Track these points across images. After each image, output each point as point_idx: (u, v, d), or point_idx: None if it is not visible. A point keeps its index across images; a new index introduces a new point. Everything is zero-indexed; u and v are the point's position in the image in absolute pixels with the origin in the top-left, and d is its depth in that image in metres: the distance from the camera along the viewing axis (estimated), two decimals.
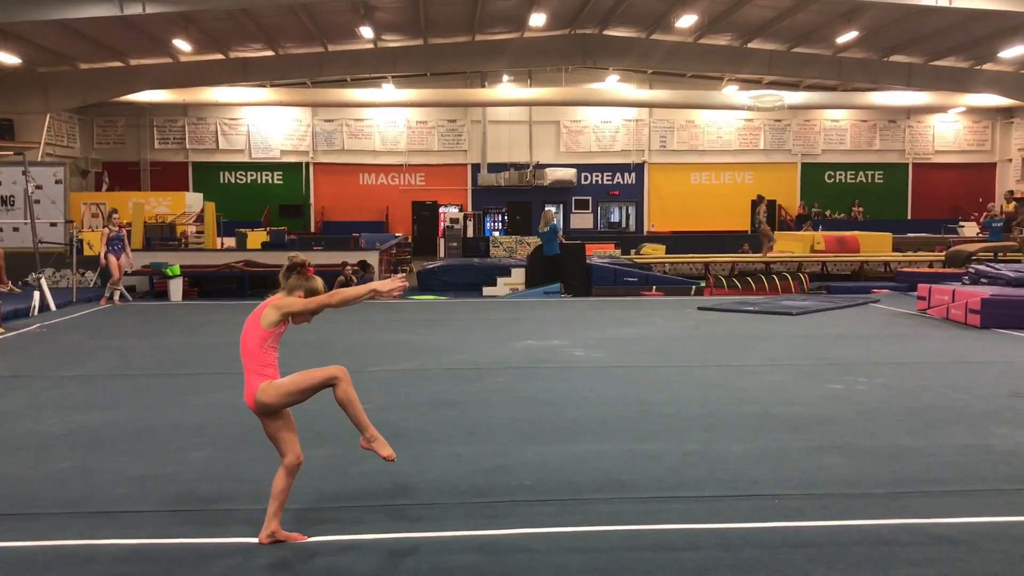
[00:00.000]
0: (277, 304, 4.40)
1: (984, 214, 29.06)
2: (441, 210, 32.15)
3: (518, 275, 18.52)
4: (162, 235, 22.62)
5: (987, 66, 26.62)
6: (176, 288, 17.10)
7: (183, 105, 30.46)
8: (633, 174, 33.32)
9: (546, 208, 22.03)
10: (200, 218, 23.44)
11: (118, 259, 15.83)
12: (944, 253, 21.00)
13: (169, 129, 32.13)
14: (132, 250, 16.90)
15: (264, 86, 29.22)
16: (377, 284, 4.43)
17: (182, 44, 23.22)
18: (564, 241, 18.40)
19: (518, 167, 32.12)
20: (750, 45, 26.38)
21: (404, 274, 4.29)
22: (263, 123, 32.13)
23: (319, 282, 4.52)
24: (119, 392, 8.08)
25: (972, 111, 32.58)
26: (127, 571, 4.07)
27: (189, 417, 7.05)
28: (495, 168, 32.33)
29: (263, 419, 4.43)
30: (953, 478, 5.40)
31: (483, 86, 30.97)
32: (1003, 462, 5.73)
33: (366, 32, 24.03)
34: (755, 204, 21.47)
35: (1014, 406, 7.35)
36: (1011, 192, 23.95)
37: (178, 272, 17.24)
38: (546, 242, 18.03)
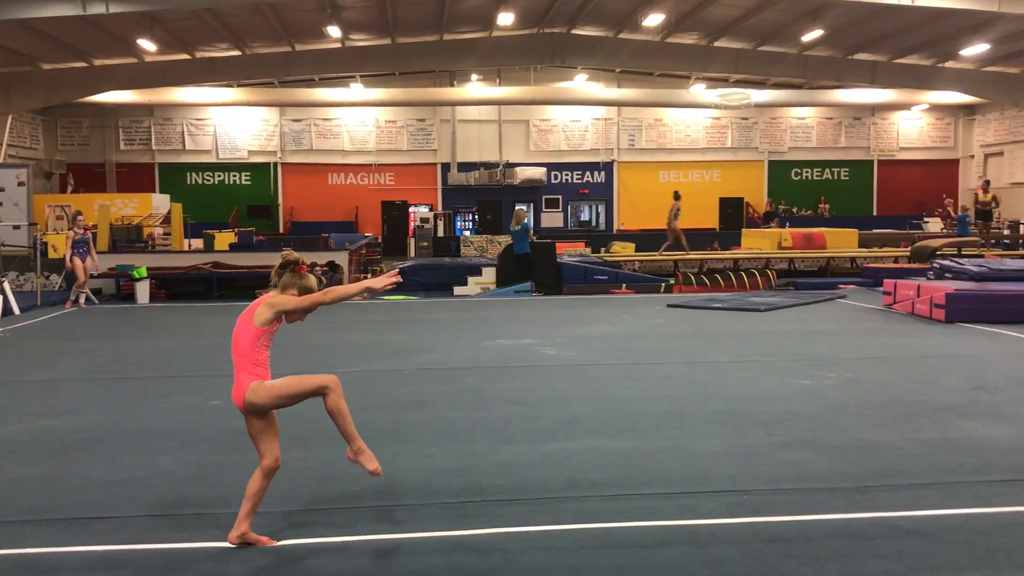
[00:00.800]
0: (270, 302, 4.35)
1: (952, 208, 29.56)
2: (411, 210, 32.06)
3: (489, 274, 18.52)
4: (128, 237, 22.39)
5: (949, 64, 26.98)
6: (143, 290, 16.92)
7: (149, 106, 30.14)
8: (602, 172, 33.43)
9: (517, 207, 22.03)
10: (167, 220, 23.23)
11: (84, 262, 15.64)
12: (909, 249, 21.28)
13: (135, 130, 31.78)
14: (98, 252, 16.68)
15: (231, 86, 28.98)
16: (371, 281, 4.41)
17: (147, 44, 22.96)
18: (535, 239, 18.42)
19: (488, 166, 32.11)
20: (717, 44, 26.55)
21: (396, 269, 4.25)
22: (230, 123, 31.86)
23: (312, 280, 4.47)
24: (85, 396, 7.98)
25: (935, 108, 33.01)
26: None
27: (157, 421, 6.98)
28: (465, 167, 32.29)
29: (248, 418, 4.40)
30: (919, 471, 5.47)
31: (452, 85, 30.93)
32: (967, 455, 5.81)
33: (333, 31, 23.89)
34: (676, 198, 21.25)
35: (978, 400, 7.46)
36: (988, 182, 24.30)
37: (145, 274, 17.07)
38: (516, 240, 18.05)
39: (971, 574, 3.94)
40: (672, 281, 18.74)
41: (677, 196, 21.75)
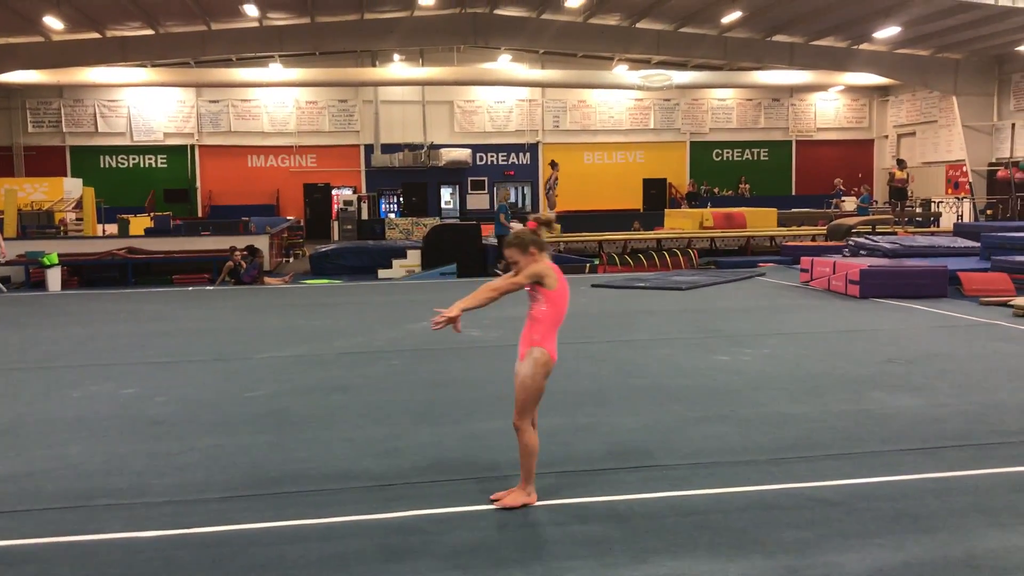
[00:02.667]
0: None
1: (837, 188, 30.44)
2: (334, 192, 31.63)
3: (414, 257, 18.38)
4: (39, 223, 21.60)
5: (864, 46, 27.64)
6: (54, 278, 16.35)
7: (58, 86, 29.03)
8: (528, 154, 33.45)
9: (501, 190, 20.99)
10: (79, 204, 22.47)
11: None
12: (826, 227, 21.79)
13: (43, 112, 30.63)
14: (5, 239, 16.06)
15: (144, 66, 28.11)
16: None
17: (53, 22, 22.10)
18: (505, 223, 18.15)
19: (412, 148, 31.83)
20: (639, 25, 26.72)
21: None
22: (144, 105, 30.93)
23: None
24: None
25: (851, 90, 33.83)
26: (0, 573, 3.88)
27: (67, 411, 6.75)
28: (389, 149, 31.97)
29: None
30: (832, 442, 5.61)
31: (374, 65, 30.54)
32: (878, 425, 5.99)
33: (250, 10, 23.35)
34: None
35: (889, 371, 7.69)
36: (902, 161, 24.99)
37: (56, 261, 16.50)
38: (496, 222, 18.00)
39: (880, 539, 4.06)
40: (597, 261, 18.87)
41: (554, 165, 21.55)
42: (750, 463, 5.20)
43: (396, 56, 30.96)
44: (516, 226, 18.47)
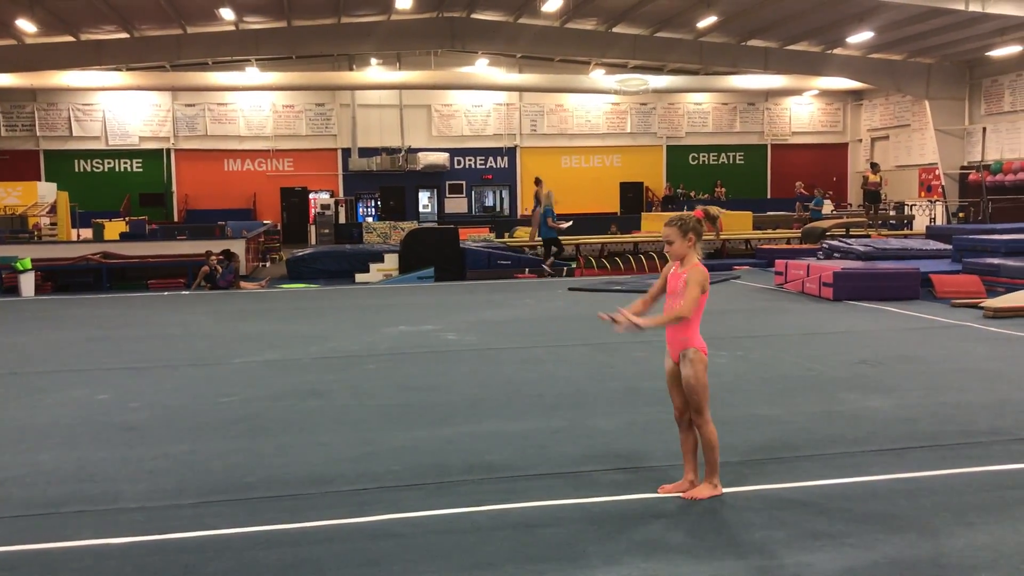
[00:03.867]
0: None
1: (798, 192, 30.60)
2: (311, 196, 31.56)
3: (392, 261, 18.36)
4: (12, 227, 21.42)
5: (837, 51, 27.92)
6: (27, 283, 16.20)
7: (31, 90, 28.82)
8: (506, 158, 33.50)
9: (546, 192, 20.40)
10: (53, 209, 22.29)
11: None
12: (800, 230, 21.96)
13: (17, 115, 30.35)
14: None
15: (120, 70, 27.96)
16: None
17: (26, 25, 21.93)
18: (553, 225, 18.09)
19: (390, 152, 31.81)
20: (615, 30, 26.85)
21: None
22: (120, 108, 30.74)
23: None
24: None
25: (825, 94, 34.14)
26: None
27: (39, 417, 6.70)
28: (366, 153, 31.92)
29: None
30: (804, 443, 5.66)
31: (351, 69, 30.51)
32: (850, 426, 6.04)
33: (226, 13, 23.26)
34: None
35: (861, 373, 7.76)
36: (876, 164, 25.23)
37: (29, 266, 16.35)
38: (543, 224, 17.97)
39: (851, 539, 4.10)
40: (574, 265, 18.92)
41: (538, 182, 21.49)
42: (723, 464, 5.21)
43: (373, 60, 30.93)
44: (564, 226, 18.37)
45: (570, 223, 19.02)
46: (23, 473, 5.31)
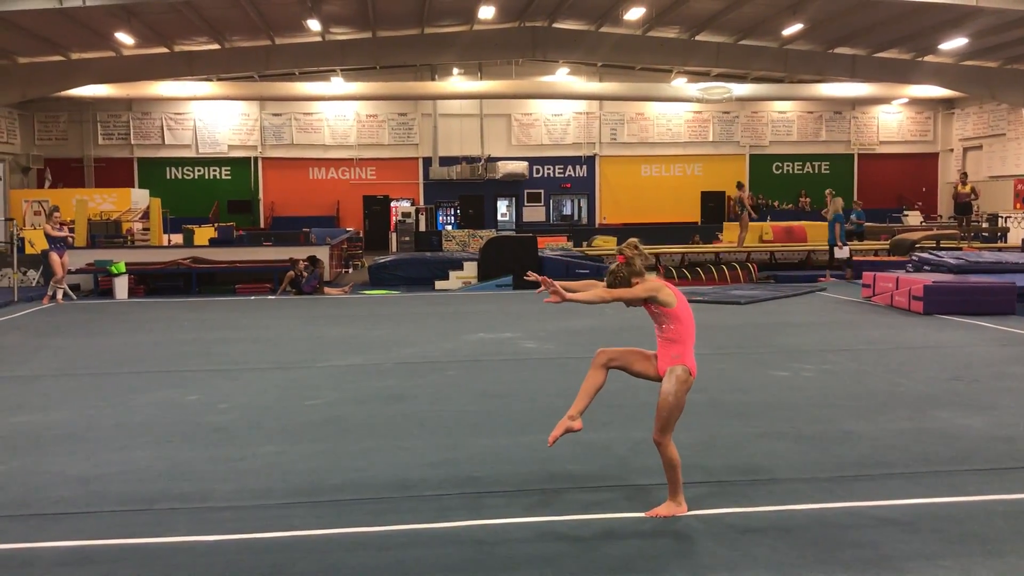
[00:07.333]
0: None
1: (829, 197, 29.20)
2: (392, 204, 31.97)
3: (471, 268, 18.48)
4: (107, 232, 22.21)
5: (928, 58, 27.12)
6: (121, 286, 16.79)
7: (127, 100, 29.85)
8: (584, 167, 33.43)
9: (834, 198, 20.21)
10: (146, 215, 23.04)
11: (61, 257, 15.53)
12: (888, 241, 21.38)
13: (113, 124, 31.49)
14: (76, 248, 16.56)
15: (210, 80, 28.75)
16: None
17: (125, 38, 22.75)
18: (854, 226, 18.00)
19: (470, 160, 32.03)
20: (698, 38, 26.58)
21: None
22: (210, 117, 31.64)
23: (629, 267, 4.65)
24: (61, 392, 7.91)
25: (915, 102, 33.19)
26: (68, 573, 3.99)
27: (133, 416, 6.92)
28: (447, 162, 32.22)
29: None
30: (895, 461, 5.50)
31: (433, 79, 30.83)
32: (943, 444, 5.85)
33: (313, 25, 23.76)
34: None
35: (954, 390, 7.51)
36: (965, 174, 24.40)
37: (123, 270, 16.94)
38: (830, 230, 17.99)
39: (944, 561, 3.96)
40: (653, 275, 18.75)
41: (740, 186, 21.79)
42: (810, 480, 5.13)
43: (455, 70, 31.22)
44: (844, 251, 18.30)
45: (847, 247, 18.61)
46: (119, 470, 5.49)
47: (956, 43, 24.23)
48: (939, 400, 7.12)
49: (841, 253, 18.11)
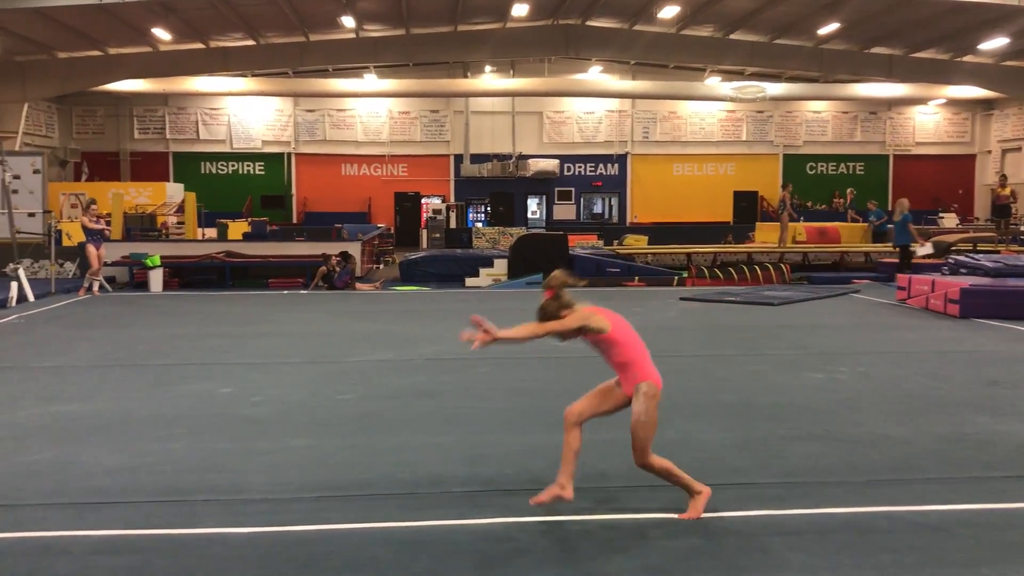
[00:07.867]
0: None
1: (850, 197, 28.68)
2: (423, 201, 32.08)
3: (501, 266, 18.50)
4: (142, 226, 22.47)
5: (967, 58, 26.76)
6: (156, 279, 16.98)
7: (163, 95, 30.21)
8: (616, 165, 33.34)
9: (900, 199, 20.30)
10: (181, 208, 23.29)
11: (98, 249, 15.74)
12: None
13: (149, 119, 31.88)
14: (112, 240, 16.76)
15: (245, 75, 29.01)
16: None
17: (162, 33, 23.02)
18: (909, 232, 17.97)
19: (501, 158, 32.06)
20: (732, 36, 26.41)
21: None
22: (244, 113, 31.92)
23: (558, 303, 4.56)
24: (97, 383, 8.01)
25: (952, 103, 32.77)
26: (104, 562, 4.03)
27: (168, 408, 7.00)
28: (478, 159, 32.27)
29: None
30: (931, 466, 5.43)
31: (465, 76, 30.89)
32: (980, 450, 5.77)
33: (348, 21, 23.90)
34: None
35: (992, 395, 7.40)
36: (1004, 176, 24.04)
37: (158, 263, 17.13)
38: (898, 231, 17.96)
39: (982, 569, 3.91)
40: (685, 274, 18.68)
41: (785, 186, 21.88)
42: (844, 484, 5.07)
43: (487, 67, 31.25)
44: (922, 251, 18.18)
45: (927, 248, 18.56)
46: (154, 461, 5.55)
47: (996, 43, 23.90)
48: (977, 405, 7.02)
49: (924, 249, 17.94)
